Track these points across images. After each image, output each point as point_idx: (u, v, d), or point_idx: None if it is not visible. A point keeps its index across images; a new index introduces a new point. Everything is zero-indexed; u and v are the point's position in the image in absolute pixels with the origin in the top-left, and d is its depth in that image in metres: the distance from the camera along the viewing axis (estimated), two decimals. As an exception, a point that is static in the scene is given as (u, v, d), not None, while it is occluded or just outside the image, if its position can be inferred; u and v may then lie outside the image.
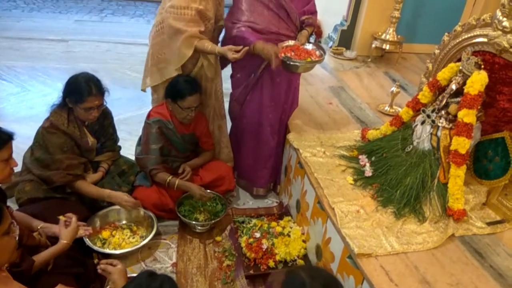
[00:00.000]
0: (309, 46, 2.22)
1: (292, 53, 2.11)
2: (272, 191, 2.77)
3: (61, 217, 1.77)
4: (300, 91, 2.81)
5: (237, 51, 2.02)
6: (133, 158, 2.45)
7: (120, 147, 2.42)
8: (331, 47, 3.92)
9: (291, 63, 2.10)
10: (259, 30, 2.18)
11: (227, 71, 2.52)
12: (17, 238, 1.33)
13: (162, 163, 2.28)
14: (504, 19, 1.74)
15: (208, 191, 2.39)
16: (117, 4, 6.76)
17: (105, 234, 2.11)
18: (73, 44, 4.84)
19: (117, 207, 2.21)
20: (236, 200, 2.65)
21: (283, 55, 2.09)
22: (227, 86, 2.56)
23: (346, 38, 3.88)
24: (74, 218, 1.76)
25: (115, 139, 2.38)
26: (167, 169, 2.30)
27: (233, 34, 2.18)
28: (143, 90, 2.36)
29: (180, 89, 2.17)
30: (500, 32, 1.76)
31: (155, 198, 2.26)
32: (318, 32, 4.35)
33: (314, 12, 2.31)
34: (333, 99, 2.95)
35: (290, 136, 2.42)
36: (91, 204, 2.17)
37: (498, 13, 1.76)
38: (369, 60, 3.74)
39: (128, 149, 2.57)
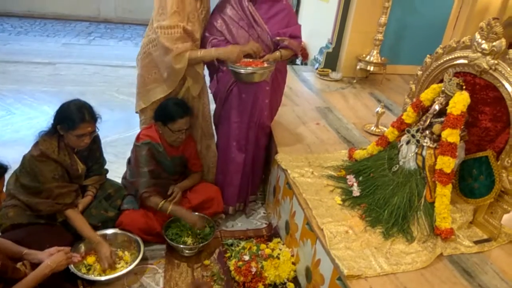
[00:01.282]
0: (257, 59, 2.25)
1: (237, 64, 2.16)
2: (242, 212, 2.73)
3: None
4: (287, 111, 2.84)
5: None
6: (119, 181, 2.42)
7: (107, 171, 2.40)
8: (317, 68, 3.99)
9: (236, 70, 2.14)
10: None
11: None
12: None
13: (154, 185, 2.26)
14: (483, 41, 1.80)
15: (196, 213, 2.36)
16: (105, 28, 6.82)
17: (90, 260, 2.06)
18: (60, 67, 4.83)
19: (102, 232, 2.17)
20: (224, 222, 2.63)
21: (231, 65, 2.15)
22: (211, 107, 2.58)
23: (331, 60, 3.96)
24: (66, 249, 1.73)
25: (102, 162, 2.35)
26: (159, 192, 2.28)
27: (207, 48, 2.25)
28: (137, 112, 2.37)
29: (170, 112, 2.17)
30: (479, 54, 1.82)
31: (141, 222, 2.22)
32: (304, 54, 4.44)
33: (295, 37, 2.32)
34: (320, 120, 2.98)
35: (278, 157, 2.43)
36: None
37: (477, 36, 1.83)
38: (355, 81, 3.81)
39: (115, 171, 2.54)
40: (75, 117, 1.96)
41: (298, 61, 4.46)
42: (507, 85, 1.75)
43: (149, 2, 2.66)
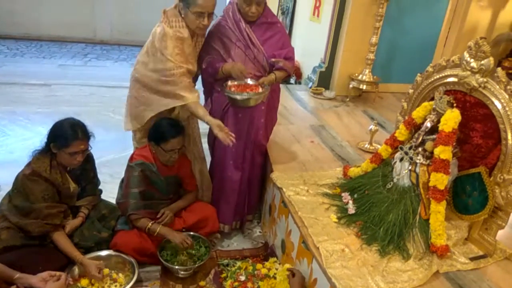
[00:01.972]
0: (250, 82, 2.30)
1: (233, 89, 2.21)
2: (239, 230, 2.72)
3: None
4: (281, 130, 2.86)
5: (223, 131, 2.13)
6: (114, 201, 2.41)
7: (101, 191, 2.39)
8: (310, 87, 4.04)
9: (232, 96, 2.20)
10: None
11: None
12: None
13: (144, 207, 2.24)
14: (472, 60, 1.84)
15: (191, 233, 2.35)
16: (101, 49, 6.89)
17: (84, 282, 2.03)
18: (56, 88, 4.85)
19: (96, 254, 2.15)
20: (220, 242, 2.61)
21: (227, 89, 2.21)
22: (205, 126, 2.59)
23: (324, 79, 4.02)
24: (63, 275, 1.71)
25: (96, 182, 2.35)
26: (149, 213, 2.26)
27: (204, 66, 2.32)
28: (125, 130, 2.39)
29: (163, 131, 2.18)
30: (469, 72, 1.86)
31: (136, 242, 2.20)
32: (297, 74, 4.50)
33: (289, 58, 2.37)
34: (314, 138, 3.00)
35: (273, 175, 2.43)
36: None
37: (466, 55, 1.87)
38: (348, 99, 3.86)
39: (110, 192, 2.53)
40: (68, 135, 1.98)
41: (292, 80, 4.51)
42: (496, 102, 1.78)
43: (145, 24, 2.72)
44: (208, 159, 2.71)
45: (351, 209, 2.05)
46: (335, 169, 2.52)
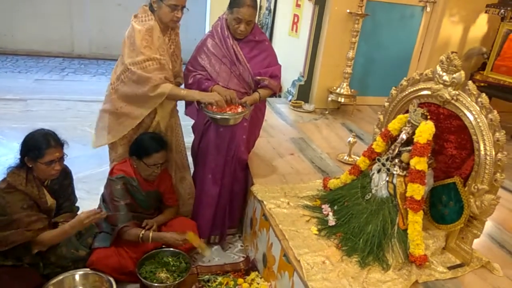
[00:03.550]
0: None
1: (214, 107, 2.22)
2: (218, 245, 2.69)
3: None
4: (262, 143, 2.87)
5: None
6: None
7: (78, 208, 2.33)
8: (290, 100, 4.09)
9: (211, 115, 2.21)
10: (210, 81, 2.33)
11: (189, 124, 2.58)
12: None
13: (132, 219, 2.22)
14: (444, 73, 1.90)
15: (171, 249, 2.31)
16: (79, 63, 6.80)
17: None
18: (32, 103, 4.75)
19: (73, 273, 2.09)
20: (201, 257, 2.57)
21: (206, 108, 2.23)
22: (189, 139, 2.59)
23: (304, 92, 4.08)
24: None
25: (73, 199, 2.30)
26: (137, 225, 2.24)
27: (189, 82, 2.34)
28: (95, 147, 2.37)
29: (145, 146, 2.17)
30: (441, 86, 1.92)
31: (114, 260, 2.15)
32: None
33: (274, 77, 2.41)
34: (294, 150, 3.03)
35: (254, 188, 2.43)
36: (45, 270, 2.04)
37: (438, 69, 1.93)
38: (327, 112, 3.92)
39: (87, 208, 2.44)
40: (40, 145, 1.95)
41: (273, 94, 4.57)
42: (468, 114, 1.83)
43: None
44: (192, 170, 2.69)
45: (331, 221, 2.06)
46: (315, 181, 2.54)
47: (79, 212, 2.32)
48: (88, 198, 2.67)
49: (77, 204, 2.34)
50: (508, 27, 3.84)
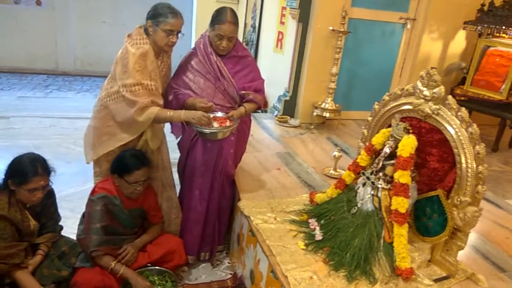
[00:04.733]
0: (219, 114, 2.32)
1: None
2: (208, 262, 2.66)
3: None
4: (248, 158, 2.88)
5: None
6: (75, 237, 2.30)
7: (61, 227, 2.28)
8: (276, 116, 4.13)
9: (199, 130, 2.20)
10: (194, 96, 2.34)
11: (174, 140, 2.58)
12: None
13: (106, 243, 2.15)
14: (424, 88, 1.95)
15: (157, 267, 2.27)
16: (64, 80, 6.75)
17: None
18: (14, 120, 4.67)
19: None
20: (188, 275, 2.53)
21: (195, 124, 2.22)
22: (175, 155, 2.57)
23: (289, 107, 4.13)
24: None
25: (56, 219, 2.24)
26: (112, 249, 2.18)
27: (169, 99, 2.34)
28: (88, 163, 2.33)
29: (126, 163, 2.14)
30: (422, 100, 1.96)
31: (98, 280, 2.09)
32: (264, 103, 4.58)
33: (259, 91, 2.44)
34: (281, 165, 3.04)
35: (241, 204, 2.42)
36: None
37: (419, 84, 1.97)
38: (312, 127, 3.96)
39: (70, 227, 2.41)
40: (27, 171, 1.90)
41: (259, 109, 4.59)
42: (449, 128, 1.88)
43: (109, 55, 2.71)
44: (178, 188, 2.66)
45: (318, 235, 2.07)
46: (301, 195, 2.55)
47: (62, 232, 2.29)
48: (72, 217, 2.61)
49: (60, 223, 2.28)
50: (485, 43, 3.98)
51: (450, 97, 1.89)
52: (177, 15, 2.12)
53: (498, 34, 3.93)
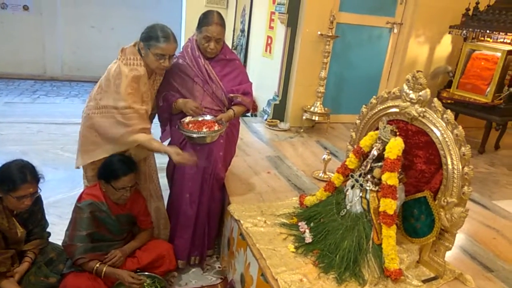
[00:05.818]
0: (208, 117, 2.34)
1: (190, 125, 2.25)
2: (198, 266, 2.65)
3: None
4: (238, 161, 2.88)
5: (182, 155, 2.12)
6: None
7: (49, 234, 2.25)
8: (266, 119, 4.14)
9: (188, 134, 2.22)
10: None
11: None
12: None
13: (92, 250, 2.12)
14: (411, 91, 1.97)
15: (146, 273, 2.25)
16: (51, 85, 6.69)
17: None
18: (1, 126, 4.61)
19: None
20: (178, 280, 2.52)
21: (182, 127, 2.24)
22: (163, 160, 2.57)
23: (279, 111, 4.14)
24: None
25: (44, 225, 2.21)
26: (98, 256, 2.15)
27: (160, 104, 2.35)
28: (76, 166, 2.31)
29: (113, 169, 2.11)
30: (408, 103, 1.99)
31: (87, 285, 2.07)
32: (253, 107, 4.60)
33: (247, 94, 2.45)
34: (271, 168, 3.05)
35: (231, 207, 2.42)
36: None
37: (405, 87, 2.00)
38: (302, 130, 3.98)
39: (58, 234, 2.37)
40: (16, 178, 1.88)
41: (248, 113, 4.60)
42: (435, 130, 1.90)
43: (97, 60, 2.71)
44: (167, 193, 2.65)
45: (308, 238, 2.07)
46: (291, 198, 2.55)
47: (50, 238, 2.26)
48: (60, 223, 2.58)
49: (48, 229, 2.26)
50: (471, 46, 4.05)
51: (435, 99, 1.92)
52: (169, 40, 2.08)
53: (482, 38, 4.00)
